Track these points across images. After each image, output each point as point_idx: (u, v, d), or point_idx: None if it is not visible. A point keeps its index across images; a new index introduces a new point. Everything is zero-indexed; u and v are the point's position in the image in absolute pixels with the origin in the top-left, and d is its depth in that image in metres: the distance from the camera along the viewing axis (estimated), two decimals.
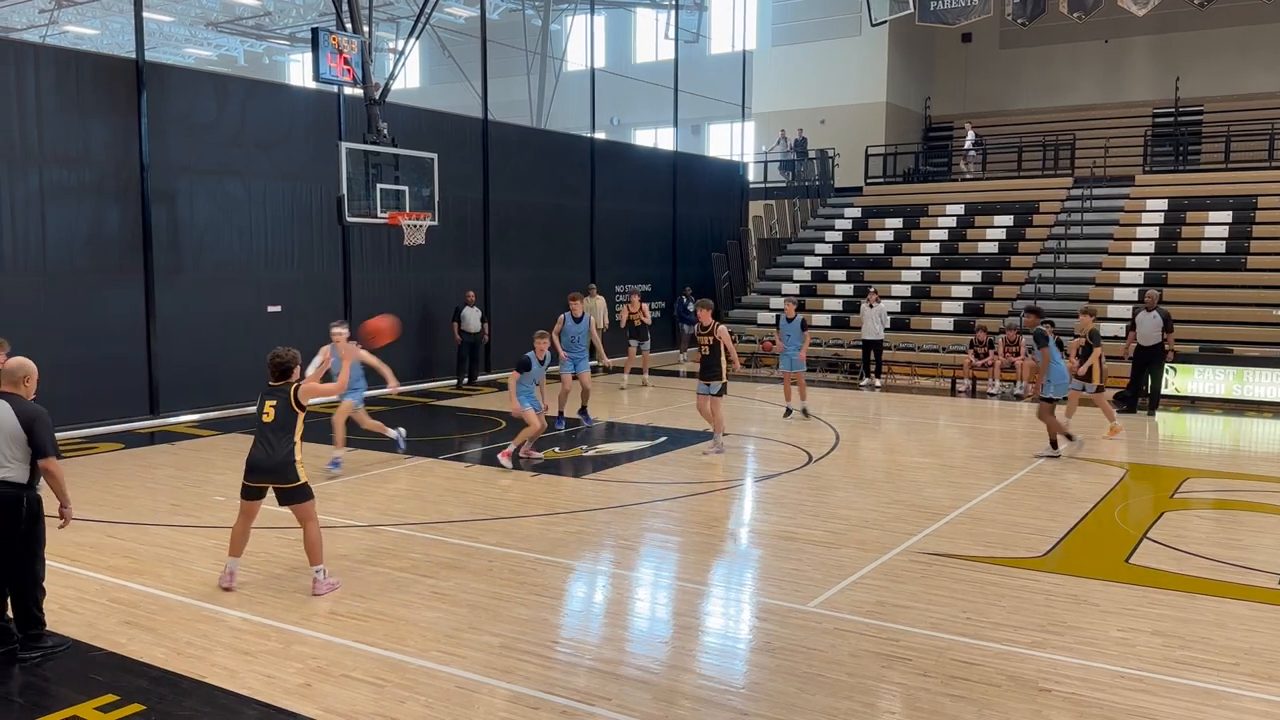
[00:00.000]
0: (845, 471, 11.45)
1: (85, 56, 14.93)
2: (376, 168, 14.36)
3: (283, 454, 7.07)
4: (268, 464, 7.07)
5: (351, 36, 14.27)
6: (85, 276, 13.66)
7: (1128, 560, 8.06)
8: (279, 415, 7.08)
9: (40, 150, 13.17)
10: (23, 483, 5.88)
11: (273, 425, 7.08)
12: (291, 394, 7.10)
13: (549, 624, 6.63)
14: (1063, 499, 10.00)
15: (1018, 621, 6.61)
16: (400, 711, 5.30)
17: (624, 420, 14.88)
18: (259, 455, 7.10)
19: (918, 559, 7.98)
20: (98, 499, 9.79)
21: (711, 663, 6.08)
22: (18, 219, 12.97)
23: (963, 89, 30.49)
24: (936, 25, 24.97)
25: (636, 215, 24.16)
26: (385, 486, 10.50)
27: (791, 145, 28.54)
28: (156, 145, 14.30)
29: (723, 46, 34.73)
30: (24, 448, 5.87)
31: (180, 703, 5.41)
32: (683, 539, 8.72)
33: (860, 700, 5.47)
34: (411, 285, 18.30)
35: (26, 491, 5.90)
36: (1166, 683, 5.71)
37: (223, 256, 15.37)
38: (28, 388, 6.04)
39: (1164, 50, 27.67)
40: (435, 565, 7.73)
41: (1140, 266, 20.76)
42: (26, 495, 5.90)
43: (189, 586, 7.25)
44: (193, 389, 14.82)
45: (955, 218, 24.35)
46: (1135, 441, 13.65)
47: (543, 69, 36.31)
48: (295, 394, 7.10)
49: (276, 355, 7.28)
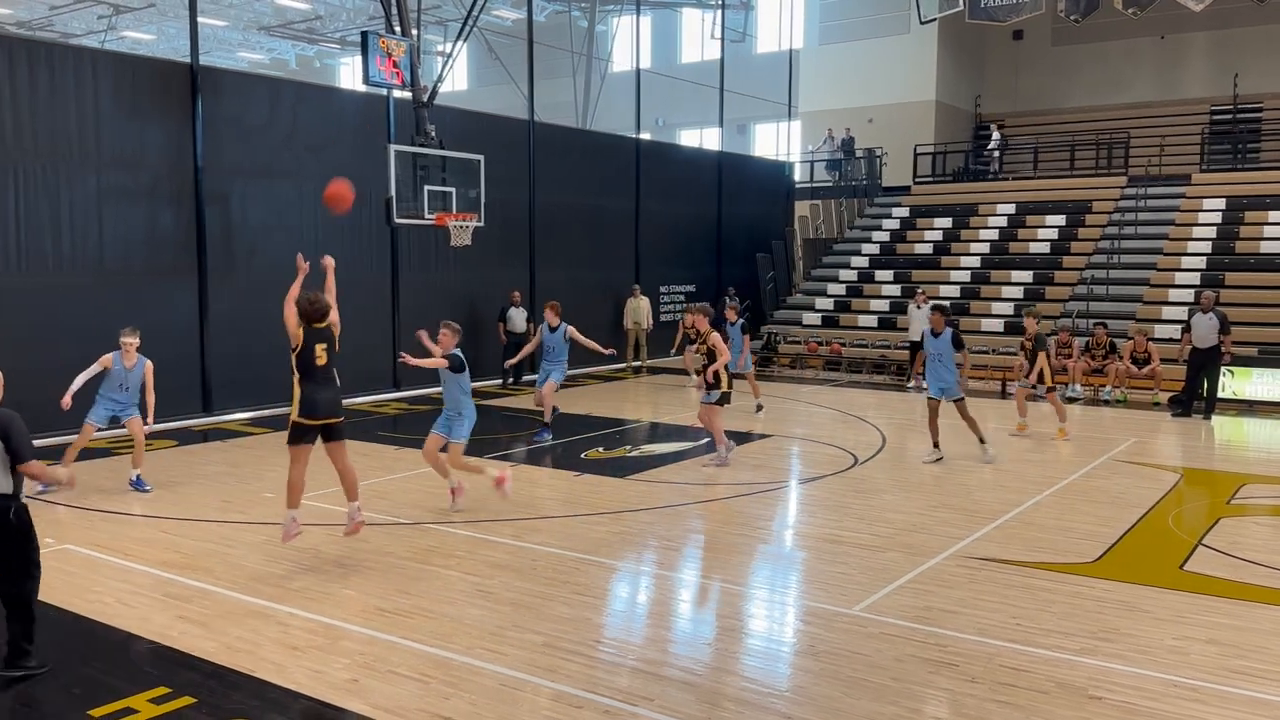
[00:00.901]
0: (891, 474, 11.34)
1: (142, 61, 15.25)
2: (424, 169, 14.50)
3: (338, 393, 7.78)
4: (336, 400, 7.72)
5: (400, 40, 14.42)
6: (141, 277, 13.94)
7: (1182, 567, 7.90)
8: (330, 356, 7.70)
9: (98, 153, 13.46)
10: (7, 493, 5.61)
11: (327, 366, 7.69)
12: (336, 336, 7.78)
13: (592, 623, 6.64)
14: (1115, 504, 9.82)
15: (1068, 628, 6.50)
16: (445, 708, 5.34)
17: (667, 421, 14.87)
18: (327, 394, 7.67)
19: (965, 564, 7.88)
20: (151, 495, 9.99)
21: (755, 665, 6.05)
22: (76, 220, 13.26)
23: (1014, 87, 30.09)
24: (986, 22, 24.66)
25: (681, 216, 24.14)
26: (431, 485, 10.58)
27: (838, 144, 28.35)
28: (210, 148, 14.55)
29: (769, 45, 34.60)
30: (1, 456, 5.60)
31: (229, 696, 5.49)
32: (726, 540, 8.69)
33: (906, 705, 5.41)
34: (458, 286, 18.43)
35: (12, 502, 5.62)
36: (1221, 693, 5.58)
37: (274, 258, 15.57)
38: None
39: (1222, 46, 27.09)
40: (480, 563, 7.78)
41: (1196, 267, 20.34)
42: (13, 506, 5.62)
43: (239, 581, 7.37)
44: (245, 387, 15.05)
45: (1006, 217, 24.03)
46: (1191, 446, 13.37)
47: (588, 70, 36.42)
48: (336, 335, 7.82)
49: (319, 300, 7.77)
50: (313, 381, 7.66)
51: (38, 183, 12.85)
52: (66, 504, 9.55)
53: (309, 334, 7.67)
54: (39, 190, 12.87)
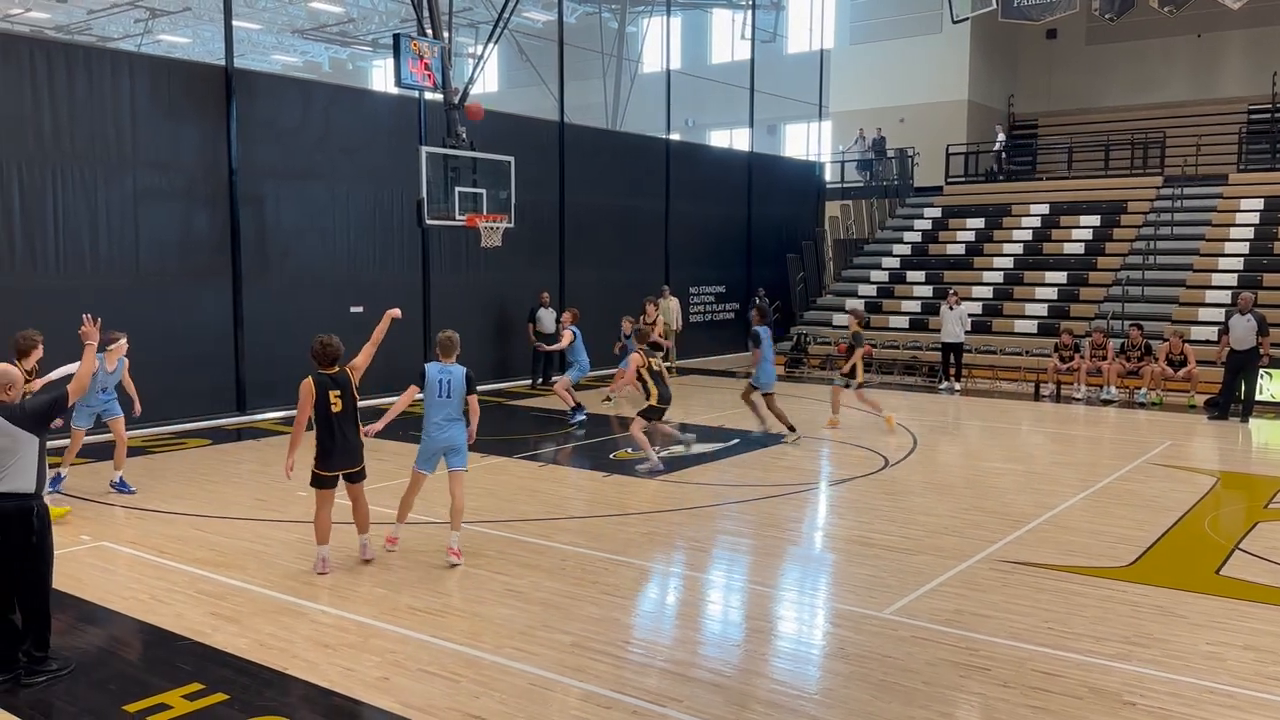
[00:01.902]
0: (923, 477, 11.26)
1: (177, 64, 15.43)
2: (455, 171, 14.56)
3: (356, 440, 7.59)
4: (352, 450, 7.55)
5: (432, 42, 14.50)
6: (176, 278, 14.10)
7: (1218, 572, 7.79)
8: (346, 403, 7.46)
9: (134, 155, 13.63)
10: (29, 492, 5.56)
11: (344, 413, 7.45)
12: (353, 382, 7.55)
13: (620, 624, 6.65)
14: (1150, 508, 9.71)
15: (1101, 633, 6.43)
16: (475, 707, 5.36)
17: (696, 422, 14.85)
18: (343, 444, 7.49)
19: (998, 567, 7.81)
20: (186, 493, 10.11)
21: (784, 668, 6.03)
22: (113, 222, 13.45)
23: (1047, 86, 29.81)
24: (1020, 21, 24.44)
25: (711, 216, 24.11)
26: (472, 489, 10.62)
27: (869, 144, 28.21)
28: (244, 150, 14.70)
29: (800, 46, 34.47)
30: (17, 453, 5.52)
31: (262, 693, 5.55)
32: (755, 542, 8.67)
33: (937, 710, 5.37)
34: (488, 287, 18.51)
35: (34, 502, 5.58)
36: (1258, 699, 5.50)
37: (307, 259, 15.74)
38: (11, 395, 5.64)
39: (1260, 44, 26.69)
40: (509, 563, 7.81)
41: (1234, 268, 20.05)
42: (36, 505, 5.58)
43: (272, 579, 7.43)
44: (278, 387, 15.17)
45: (1039, 218, 23.81)
46: (1228, 449, 13.19)
47: (618, 71, 36.46)
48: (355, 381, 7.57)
49: (329, 343, 7.48)
50: (327, 430, 7.42)
51: (76, 185, 13.05)
52: (102, 501, 9.68)
53: (318, 379, 7.37)
54: (77, 192, 13.06)
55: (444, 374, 7.90)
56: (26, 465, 5.55)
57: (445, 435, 7.91)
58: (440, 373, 7.90)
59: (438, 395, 7.87)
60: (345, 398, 7.43)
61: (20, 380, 5.79)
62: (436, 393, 7.86)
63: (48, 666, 5.71)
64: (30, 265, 12.64)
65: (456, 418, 7.98)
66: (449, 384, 7.91)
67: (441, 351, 8.05)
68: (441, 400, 7.88)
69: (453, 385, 7.91)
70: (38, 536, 5.58)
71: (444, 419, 7.91)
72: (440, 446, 7.94)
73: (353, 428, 7.54)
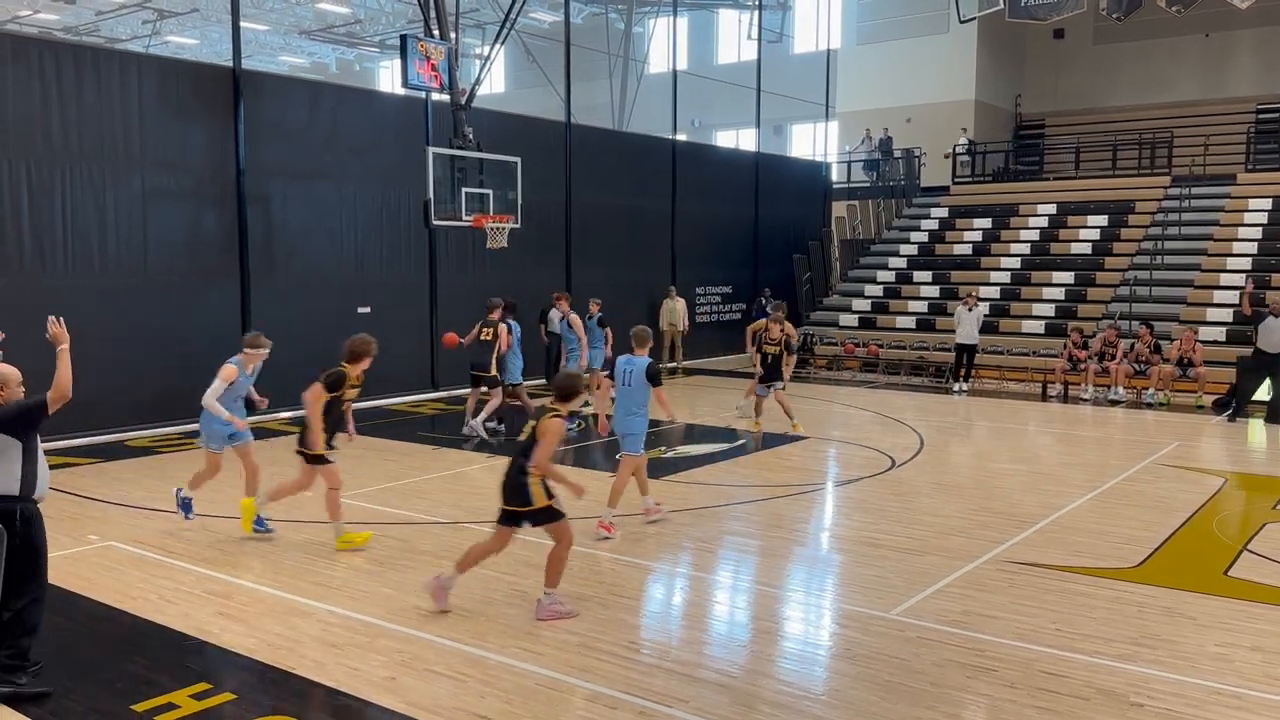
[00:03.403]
0: (930, 477, 11.25)
1: (185, 65, 15.49)
2: (462, 171, 14.59)
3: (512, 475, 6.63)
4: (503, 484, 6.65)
5: (439, 43, 14.53)
6: (183, 278, 14.14)
7: (1226, 573, 7.77)
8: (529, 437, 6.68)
9: (142, 155, 13.67)
10: (12, 494, 5.40)
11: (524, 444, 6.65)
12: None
13: (627, 624, 6.65)
14: (1157, 508, 9.68)
15: (1108, 634, 6.42)
16: (481, 706, 5.37)
17: (702, 423, 14.84)
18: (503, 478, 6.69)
19: (1005, 568, 7.80)
20: (193, 493, 10.10)
21: (791, 668, 6.03)
22: (121, 222, 13.48)
23: (1054, 86, 29.74)
24: (1027, 21, 24.38)
25: (718, 216, 24.10)
26: (467, 484, 10.65)
27: (876, 144, 28.17)
28: (252, 150, 14.74)
29: (806, 46, 34.41)
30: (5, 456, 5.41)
31: (269, 692, 5.56)
32: (762, 542, 8.67)
33: (944, 711, 5.37)
34: (495, 287, 18.43)
35: (19, 504, 5.42)
36: (1266, 700, 5.48)
37: (314, 259, 15.77)
38: (3, 395, 5.45)
39: (1268, 44, 26.60)
40: (515, 563, 7.81)
41: (1242, 269, 19.97)
42: (21, 508, 5.42)
43: (279, 579, 7.45)
44: (286, 387, 15.17)
45: (1047, 217, 23.75)
46: (1236, 450, 13.15)
47: (625, 72, 36.44)
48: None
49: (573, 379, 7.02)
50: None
51: (84, 185, 13.08)
52: (110, 501, 9.72)
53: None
54: (85, 192, 13.10)
55: (629, 365, 8.59)
56: (7, 467, 5.40)
57: (620, 424, 8.61)
58: (626, 364, 8.62)
59: (622, 385, 8.58)
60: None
61: (12, 381, 5.51)
62: (621, 382, 8.59)
63: (15, 678, 5.45)
64: (39, 265, 12.69)
65: (635, 410, 8.52)
66: (631, 374, 8.55)
67: (636, 343, 8.68)
68: (624, 390, 8.56)
69: (633, 376, 8.52)
70: (20, 539, 5.39)
71: (623, 412, 8.54)
72: (620, 431, 8.62)
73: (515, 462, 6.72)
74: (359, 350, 8.11)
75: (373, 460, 11.71)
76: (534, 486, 6.51)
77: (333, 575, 7.50)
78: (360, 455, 12.17)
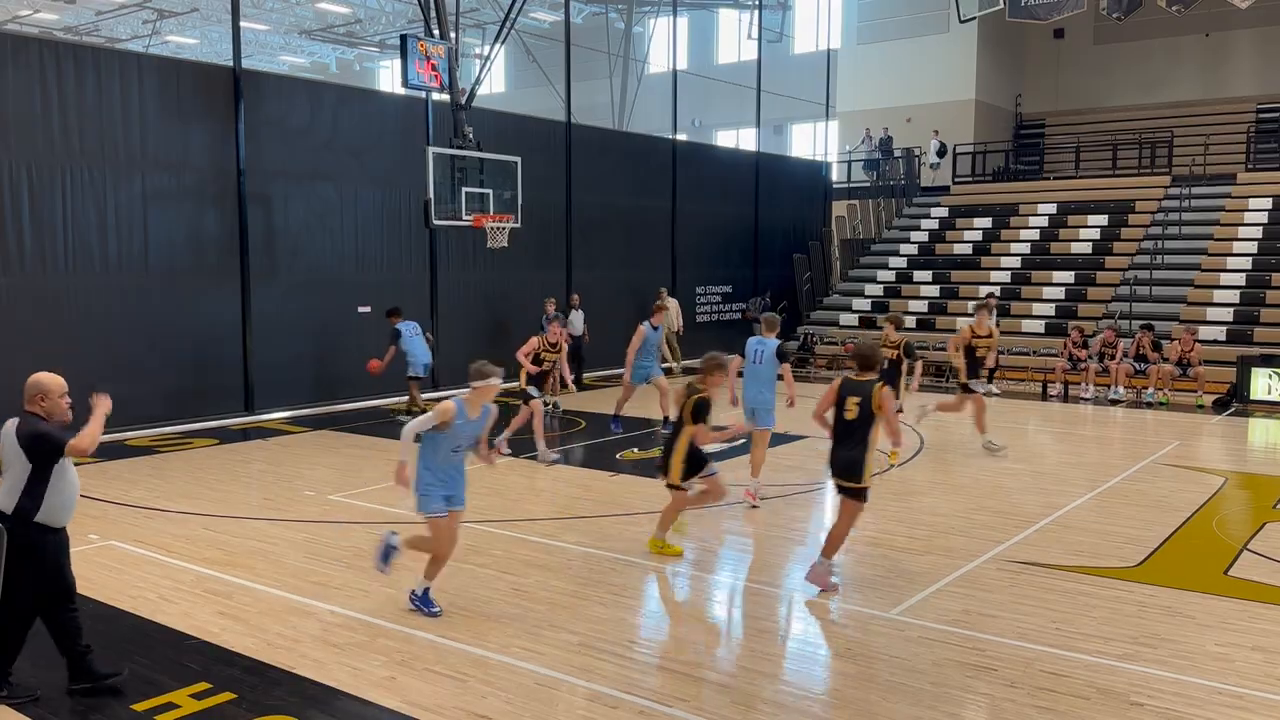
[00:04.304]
0: (930, 477, 11.25)
1: (185, 65, 15.47)
2: (462, 171, 14.58)
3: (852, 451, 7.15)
4: (838, 460, 7.25)
5: (439, 43, 14.53)
6: (184, 278, 14.14)
7: (1226, 572, 7.77)
8: (861, 412, 7.09)
9: (143, 155, 13.67)
10: (5, 512, 5.31)
11: (854, 422, 7.13)
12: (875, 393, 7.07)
13: (627, 624, 6.65)
14: (1158, 508, 9.68)
15: (1109, 633, 6.42)
16: (482, 706, 5.37)
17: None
18: (836, 452, 7.28)
19: (1005, 567, 7.80)
20: (194, 493, 10.13)
21: (791, 668, 6.03)
22: (121, 222, 13.48)
23: (1055, 85, 29.74)
24: (1027, 21, 24.39)
25: (718, 216, 24.09)
26: (469, 484, 10.62)
27: (876, 144, 28.18)
28: (252, 150, 14.74)
29: (806, 45, 34.41)
30: (12, 468, 5.33)
31: (270, 692, 5.56)
32: (762, 542, 8.67)
33: (944, 710, 5.37)
34: (495, 287, 18.52)
35: (11, 523, 5.32)
36: (1267, 700, 5.48)
37: (315, 259, 15.77)
38: (43, 406, 5.42)
39: (1268, 44, 26.59)
40: (516, 563, 7.82)
41: (1242, 268, 19.99)
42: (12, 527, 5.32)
43: (280, 579, 7.46)
44: (286, 387, 15.24)
45: (1047, 217, 23.76)
46: (1236, 449, 13.14)
47: (625, 72, 36.45)
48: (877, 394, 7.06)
49: (866, 350, 7.43)
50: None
51: (84, 185, 13.09)
52: (110, 501, 9.72)
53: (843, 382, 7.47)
54: (86, 192, 13.10)
55: (760, 345, 9.80)
56: (12, 486, 5.31)
57: (749, 397, 9.68)
58: (757, 344, 9.82)
59: (752, 363, 9.74)
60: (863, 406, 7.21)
61: (53, 392, 5.43)
62: (751, 360, 9.74)
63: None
64: (40, 265, 12.69)
65: (765, 388, 9.63)
66: (762, 354, 9.76)
67: (765, 328, 9.99)
68: (754, 367, 9.71)
69: (764, 355, 9.73)
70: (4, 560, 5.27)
71: (754, 390, 9.66)
72: (749, 406, 9.66)
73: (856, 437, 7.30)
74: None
75: (373, 460, 11.72)
76: (868, 464, 7.16)
77: (332, 575, 7.51)
78: (361, 455, 12.19)
